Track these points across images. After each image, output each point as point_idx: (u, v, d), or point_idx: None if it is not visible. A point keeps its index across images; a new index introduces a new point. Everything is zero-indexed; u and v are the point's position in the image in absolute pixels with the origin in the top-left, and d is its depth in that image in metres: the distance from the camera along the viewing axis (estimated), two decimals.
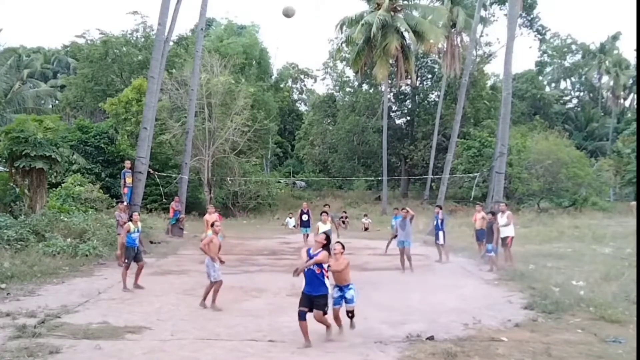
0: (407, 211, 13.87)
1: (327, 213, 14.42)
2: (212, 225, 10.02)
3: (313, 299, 7.02)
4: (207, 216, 15.67)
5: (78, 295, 10.00)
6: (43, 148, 16.31)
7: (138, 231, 11.12)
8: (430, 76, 44.00)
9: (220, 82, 30.00)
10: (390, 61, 33.52)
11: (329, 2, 45.97)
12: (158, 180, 23.92)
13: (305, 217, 18.78)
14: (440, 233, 15.33)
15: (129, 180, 16.79)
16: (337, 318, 7.46)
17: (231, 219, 30.39)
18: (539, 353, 6.76)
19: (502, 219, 13.63)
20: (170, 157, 29.95)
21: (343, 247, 7.60)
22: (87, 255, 13.91)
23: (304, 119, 51.26)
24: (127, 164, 17.33)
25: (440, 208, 16.38)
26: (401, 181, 42.49)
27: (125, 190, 16.77)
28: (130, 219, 11.62)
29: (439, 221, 15.44)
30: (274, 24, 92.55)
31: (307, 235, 18.71)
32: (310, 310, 7.02)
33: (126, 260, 10.78)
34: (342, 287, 7.48)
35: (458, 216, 29.72)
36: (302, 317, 7.00)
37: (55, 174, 19.51)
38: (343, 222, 26.89)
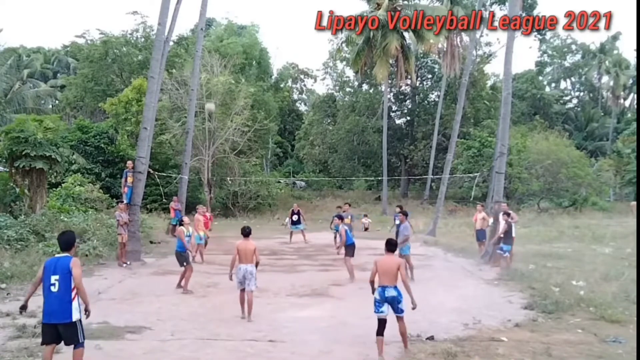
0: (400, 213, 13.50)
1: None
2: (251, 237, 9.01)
3: (60, 330, 5.22)
4: (197, 215, 16.17)
5: None
6: (43, 148, 16.32)
7: (190, 235, 11.56)
8: (430, 76, 43.98)
9: (220, 82, 29.99)
10: (390, 61, 33.50)
11: (329, 1, 45.61)
12: (158, 180, 23.89)
13: (295, 217, 20.58)
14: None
15: (130, 180, 16.76)
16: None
17: (231, 219, 30.40)
18: (539, 353, 6.76)
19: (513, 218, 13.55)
20: (170, 157, 29.97)
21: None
22: (87, 255, 13.94)
23: (304, 119, 51.20)
24: (130, 164, 17.29)
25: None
26: (401, 181, 42.48)
27: (125, 189, 16.74)
28: (180, 223, 11.96)
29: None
30: (274, 24, 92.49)
31: (302, 232, 20.53)
32: (58, 342, 5.25)
33: (185, 264, 11.08)
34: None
35: (458, 216, 29.79)
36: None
37: (55, 174, 19.51)
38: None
